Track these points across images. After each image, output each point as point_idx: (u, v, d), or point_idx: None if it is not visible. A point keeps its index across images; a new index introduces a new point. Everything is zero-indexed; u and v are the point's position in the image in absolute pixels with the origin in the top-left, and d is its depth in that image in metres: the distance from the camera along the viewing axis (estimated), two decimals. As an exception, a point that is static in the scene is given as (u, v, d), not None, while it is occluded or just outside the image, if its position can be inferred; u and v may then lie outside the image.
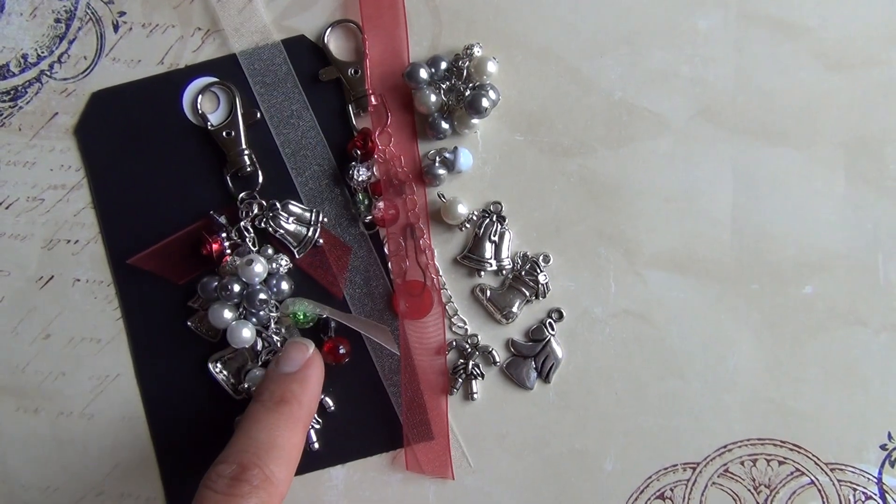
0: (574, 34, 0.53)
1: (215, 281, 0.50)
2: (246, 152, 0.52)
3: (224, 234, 0.51)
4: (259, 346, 0.52)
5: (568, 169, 0.53)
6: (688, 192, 0.52)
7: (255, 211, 0.52)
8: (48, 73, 0.53)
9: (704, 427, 0.52)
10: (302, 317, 0.51)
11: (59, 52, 0.53)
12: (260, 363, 0.52)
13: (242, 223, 0.51)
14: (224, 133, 0.52)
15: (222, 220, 0.51)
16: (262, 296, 0.50)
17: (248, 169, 0.52)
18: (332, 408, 0.52)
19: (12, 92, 0.53)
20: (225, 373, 0.52)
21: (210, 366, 0.52)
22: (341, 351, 0.51)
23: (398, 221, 0.53)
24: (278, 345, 0.51)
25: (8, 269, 0.53)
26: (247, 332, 0.50)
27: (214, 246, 0.50)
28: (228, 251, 0.51)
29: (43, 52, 0.53)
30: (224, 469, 0.43)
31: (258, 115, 0.53)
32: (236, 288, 0.50)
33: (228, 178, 0.52)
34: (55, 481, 0.53)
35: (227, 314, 0.50)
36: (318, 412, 0.52)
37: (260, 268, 0.50)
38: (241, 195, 0.52)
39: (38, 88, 0.53)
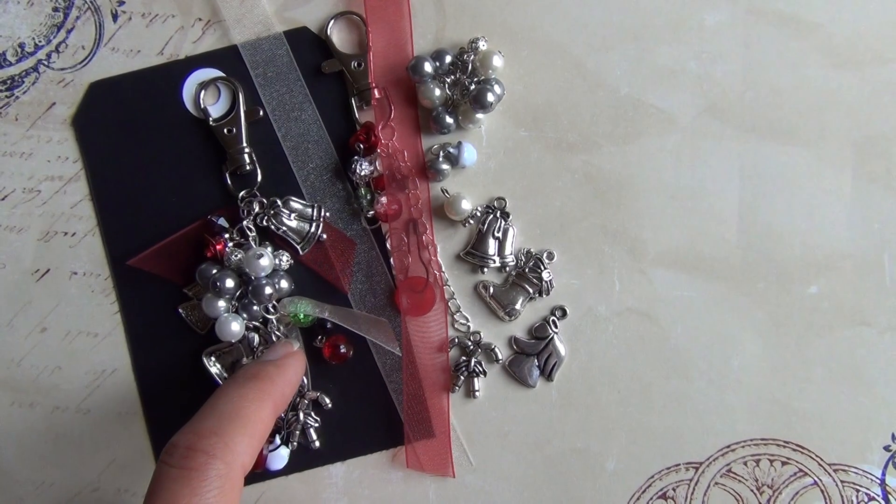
0: (580, 29, 0.52)
1: (214, 268, 0.50)
2: (246, 150, 0.51)
3: (227, 236, 0.50)
4: (256, 342, 0.51)
5: (573, 165, 0.52)
6: (694, 190, 0.52)
7: (256, 209, 0.51)
8: (46, 63, 0.52)
9: (708, 427, 0.51)
10: (302, 317, 0.50)
11: (57, 42, 0.52)
12: (253, 358, 0.51)
13: (245, 222, 0.51)
14: (225, 130, 0.51)
15: (222, 222, 0.51)
16: (269, 290, 0.49)
17: (248, 167, 0.51)
18: (329, 405, 0.51)
19: (9, 81, 0.52)
20: (218, 366, 0.51)
21: (204, 359, 0.51)
22: (342, 350, 0.51)
23: (401, 217, 0.52)
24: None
25: (3, 262, 0.52)
26: (236, 326, 0.50)
27: (218, 247, 0.50)
28: (229, 250, 0.50)
29: (40, 42, 0.52)
30: (180, 439, 0.39)
31: (260, 112, 0.52)
32: (229, 283, 0.49)
33: (228, 175, 0.51)
34: (50, 477, 0.52)
35: (222, 304, 0.50)
36: (315, 410, 0.52)
37: (266, 261, 0.49)
38: (241, 193, 0.51)
39: (35, 78, 0.52)
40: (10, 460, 0.52)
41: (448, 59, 0.51)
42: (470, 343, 0.52)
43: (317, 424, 0.51)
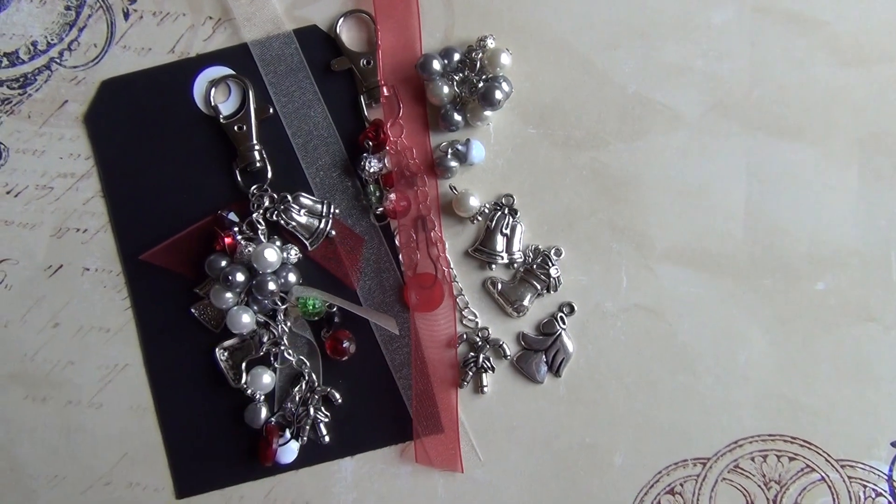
0: (588, 27, 0.52)
1: (224, 259, 0.50)
2: (256, 147, 0.52)
3: (236, 229, 0.51)
4: (265, 338, 0.51)
5: (580, 162, 0.52)
6: (701, 187, 0.52)
7: (267, 204, 0.51)
8: (58, 61, 0.53)
9: (715, 422, 0.52)
10: (311, 307, 0.50)
11: (69, 40, 0.53)
12: (262, 353, 0.51)
13: (254, 215, 0.51)
14: (235, 127, 0.52)
15: (231, 216, 0.51)
16: (272, 286, 0.50)
17: (258, 164, 0.52)
18: (339, 401, 0.52)
19: (21, 79, 0.53)
20: (230, 361, 0.52)
21: (217, 352, 0.51)
22: (344, 345, 0.51)
23: (409, 213, 0.52)
24: (283, 337, 0.51)
25: (17, 258, 0.53)
26: (246, 318, 0.50)
27: (227, 240, 0.50)
28: (242, 244, 0.51)
29: (53, 40, 0.53)
30: None
31: (270, 110, 0.52)
32: (240, 277, 0.49)
33: (238, 172, 0.52)
34: (63, 470, 0.52)
35: (229, 296, 0.50)
36: (325, 406, 0.52)
37: (274, 256, 0.49)
38: (252, 188, 0.51)
39: (47, 76, 0.53)
40: (22, 454, 0.52)
41: (456, 56, 0.52)
42: (478, 339, 0.52)
43: (327, 419, 0.52)
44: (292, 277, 0.51)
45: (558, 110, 0.53)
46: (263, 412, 0.51)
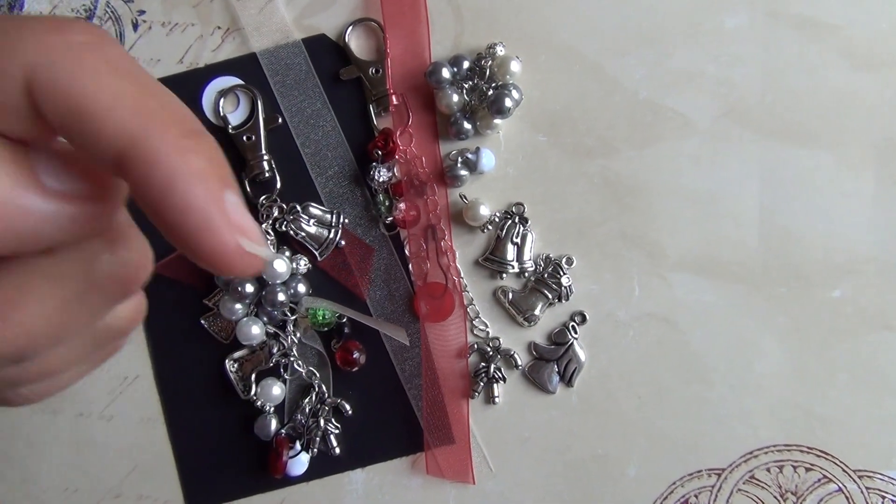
0: (598, 33, 0.52)
1: None
2: (265, 157, 0.52)
3: None
4: (274, 350, 0.51)
5: (591, 170, 0.52)
6: (713, 194, 0.52)
7: (276, 214, 0.51)
8: (67, 73, 0.53)
9: (730, 432, 0.51)
10: (321, 317, 0.50)
11: (79, 52, 0.53)
12: (271, 364, 0.51)
13: (263, 226, 0.51)
14: (244, 137, 0.52)
15: None
16: (282, 297, 0.49)
17: (267, 174, 0.52)
18: (350, 412, 0.52)
19: (31, 91, 0.53)
20: (239, 373, 0.51)
21: (227, 363, 0.51)
22: (354, 356, 0.51)
23: (419, 223, 0.52)
24: (293, 348, 0.51)
25: (27, 270, 0.53)
26: (256, 329, 0.50)
27: None
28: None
29: (62, 52, 0.53)
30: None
31: (279, 119, 0.52)
32: (249, 288, 0.49)
33: (247, 182, 0.52)
34: (74, 483, 0.52)
35: (239, 307, 0.50)
36: (336, 417, 0.52)
37: (283, 267, 0.49)
38: (261, 199, 0.51)
39: (57, 88, 0.53)
40: (33, 466, 0.52)
41: (466, 64, 0.51)
42: (489, 349, 0.52)
43: (337, 431, 0.52)
44: (302, 288, 0.51)
45: (568, 118, 0.52)
46: (273, 424, 0.51)
